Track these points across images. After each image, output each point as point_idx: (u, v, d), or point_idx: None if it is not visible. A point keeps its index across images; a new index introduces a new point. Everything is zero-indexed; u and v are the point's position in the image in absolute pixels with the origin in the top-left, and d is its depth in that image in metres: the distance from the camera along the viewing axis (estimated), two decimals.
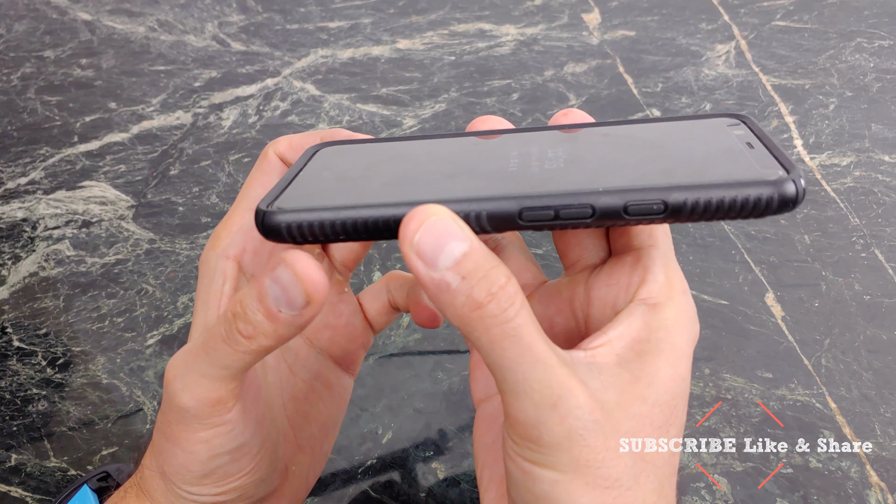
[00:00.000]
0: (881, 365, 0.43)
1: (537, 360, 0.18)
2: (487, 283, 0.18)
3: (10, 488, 0.38)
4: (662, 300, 0.21)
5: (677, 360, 0.20)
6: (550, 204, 0.19)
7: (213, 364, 0.20)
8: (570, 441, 0.19)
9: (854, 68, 0.67)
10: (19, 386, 0.43)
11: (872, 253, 0.50)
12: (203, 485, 0.23)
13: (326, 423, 0.29)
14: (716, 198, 0.18)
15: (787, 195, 0.18)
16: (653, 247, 0.22)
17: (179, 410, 0.21)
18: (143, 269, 0.50)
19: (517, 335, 0.18)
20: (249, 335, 0.19)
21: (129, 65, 0.70)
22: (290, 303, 0.19)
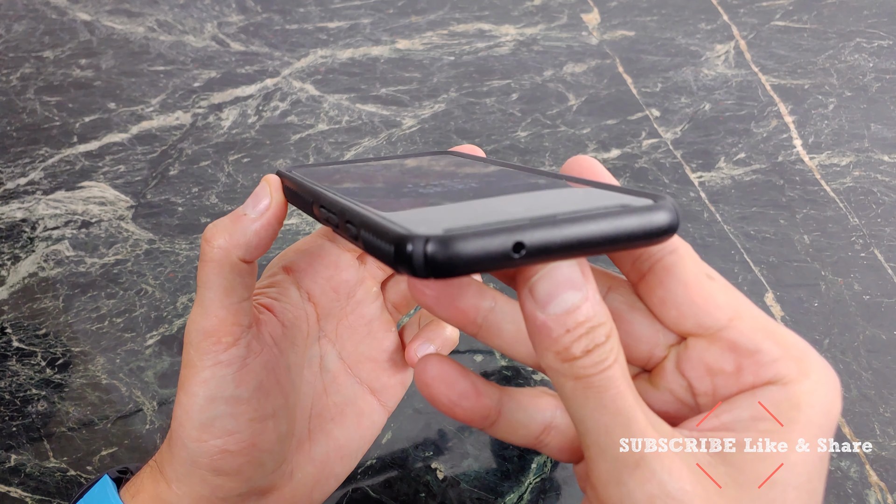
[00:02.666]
0: (880, 365, 0.43)
1: (620, 414, 0.17)
2: (587, 340, 0.17)
3: (9, 489, 0.38)
4: (792, 376, 0.18)
5: (815, 437, 0.18)
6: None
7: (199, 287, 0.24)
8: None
9: (853, 68, 0.67)
10: (19, 386, 0.43)
11: (872, 253, 0.50)
12: (202, 440, 0.24)
13: (345, 448, 0.29)
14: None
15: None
16: (736, 319, 0.19)
17: (186, 350, 0.24)
18: (142, 269, 0.50)
19: (603, 387, 0.17)
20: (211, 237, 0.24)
21: (129, 65, 0.70)
22: (255, 205, 0.24)
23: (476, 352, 0.45)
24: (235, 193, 0.56)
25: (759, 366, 0.19)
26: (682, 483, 0.17)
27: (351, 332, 0.30)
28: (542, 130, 0.61)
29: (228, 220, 0.24)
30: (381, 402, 0.31)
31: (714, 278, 0.20)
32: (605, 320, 0.17)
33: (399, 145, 0.60)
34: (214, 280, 0.24)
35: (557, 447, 0.22)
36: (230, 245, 0.23)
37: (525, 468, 0.39)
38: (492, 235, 0.15)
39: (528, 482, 0.38)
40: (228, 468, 0.24)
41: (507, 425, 0.22)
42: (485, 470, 0.39)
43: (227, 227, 0.24)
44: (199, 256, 0.24)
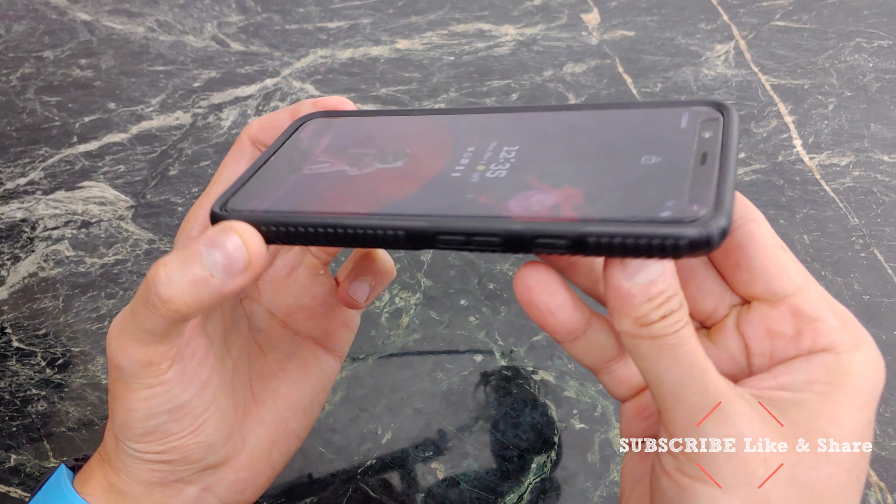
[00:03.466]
0: None
1: (695, 366, 0.19)
2: (665, 307, 0.18)
3: (9, 489, 0.38)
4: (846, 347, 0.20)
5: (864, 404, 0.19)
6: (463, 230, 0.19)
7: (138, 327, 0.21)
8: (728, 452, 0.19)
9: (853, 68, 0.67)
10: (18, 386, 0.43)
11: (872, 253, 0.50)
12: (145, 442, 0.23)
13: (297, 403, 0.29)
14: (621, 238, 0.17)
15: (696, 239, 0.17)
16: (804, 289, 0.21)
17: (117, 370, 0.22)
18: (142, 269, 0.50)
19: (677, 344, 0.19)
20: (168, 299, 0.20)
21: (129, 65, 0.70)
22: (228, 267, 0.20)
23: (476, 352, 0.45)
24: None
25: (817, 333, 0.20)
26: (752, 425, 0.19)
27: (275, 285, 0.29)
28: None
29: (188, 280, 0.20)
30: (328, 348, 0.30)
31: (786, 250, 0.21)
32: (678, 290, 0.19)
33: None
34: (161, 329, 0.21)
35: (618, 377, 0.24)
36: (188, 308, 0.20)
37: (525, 468, 0.39)
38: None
39: (528, 482, 0.38)
40: (175, 458, 0.24)
41: (587, 344, 0.23)
42: (485, 470, 0.39)
43: (187, 290, 0.20)
44: (144, 297, 0.20)
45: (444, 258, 0.50)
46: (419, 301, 0.47)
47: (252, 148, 0.26)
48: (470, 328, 0.46)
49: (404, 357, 0.44)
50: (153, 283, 0.20)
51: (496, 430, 0.41)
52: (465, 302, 0.47)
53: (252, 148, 0.26)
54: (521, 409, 0.42)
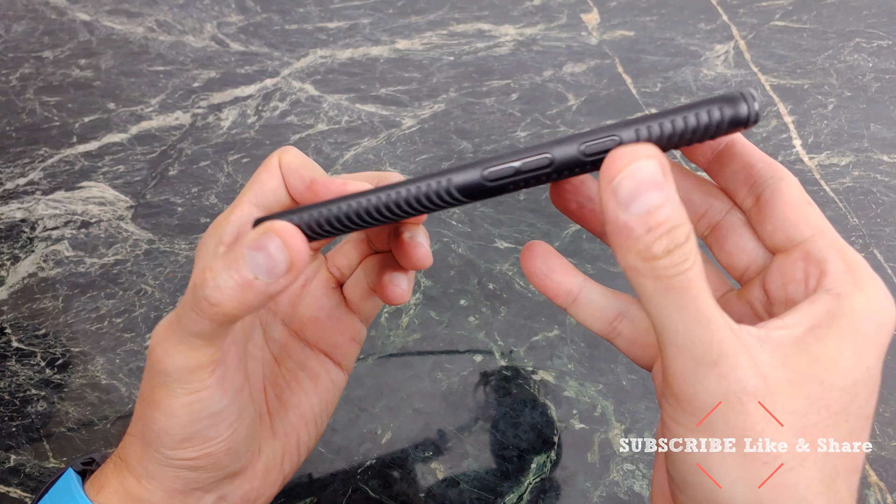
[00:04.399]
0: None
1: (701, 314, 0.18)
2: (668, 239, 0.18)
3: (9, 489, 0.38)
4: (847, 289, 0.20)
5: (862, 346, 0.19)
6: (511, 160, 0.20)
7: (185, 331, 0.21)
8: (728, 404, 0.18)
9: (853, 68, 0.67)
10: (18, 387, 0.43)
11: (871, 253, 0.50)
12: (182, 448, 0.23)
13: (306, 414, 0.29)
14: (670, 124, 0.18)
15: (739, 110, 0.18)
16: (818, 235, 0.21)
17: (162, 375, 0.22)
18: (142, 269, 0.50)
19: (684, 287, 0.18)
20: (216, 302, 0.20)
21: (128, 65, 0.70)
22: (271, 269, 0.20)
23: (476, 352, 0.45)
24: (235, 193, 0.56)
25: (822, 275, 0.20)
26: (756, 380, 0.18)
27: (289, 296, 0.30)
28: (541, 130, 0.61)
29: (235, 283, 0.20)
30: (336, 361, 0.30)
31: (812, 205, 0.22)
32: (684, 221, 0.18)
33: (398, 145, 0.60)
34: (209, 332, 0.21)
35: (629, 338, 0.25)
36: (236, 311, 0.20)
37: (525, 468, 0.39)
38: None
39: (528, 482, 0.38)
40: (205, 464, 0.24)
41: (586, 306, 0.25)
42: (484, 470, 0.39)
43: (236, 292, 0.20)
44: (192, 301, 0.21)
45: (444, 258, 0.50)
46: (419, 301, 0.47)
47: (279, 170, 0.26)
48: (470, 328, 0.46)
49: (404, 357, 0.44)
50: (201, 288, 0.20)
51: (496, 430, 0.41)
52: (464, 302, 0.47)
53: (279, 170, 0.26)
54: (520, 409, 0.42)
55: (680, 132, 0.19)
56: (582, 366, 0.44)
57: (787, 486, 0.18)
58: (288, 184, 0.26)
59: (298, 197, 0.26)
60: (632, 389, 0.42)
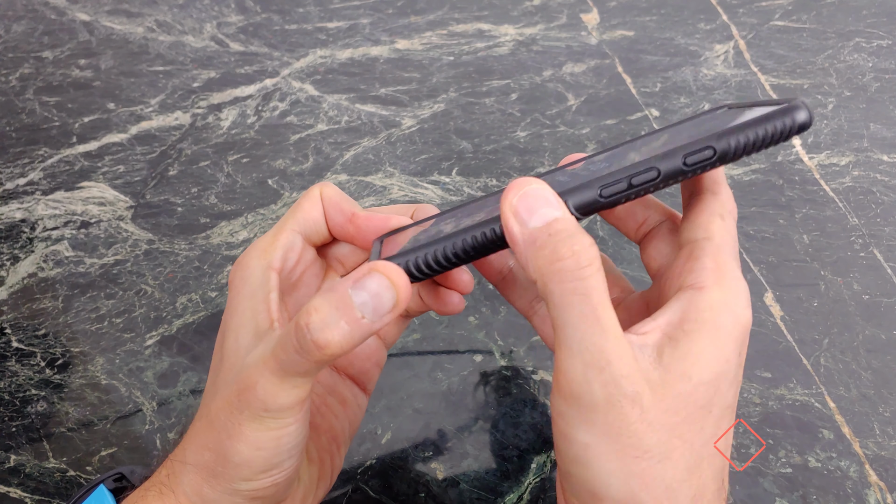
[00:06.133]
0: (880, 364, 0.43)
1: (598, 323, 0.20)
2: (571, 242, 0.20)
3: (9, 489, 0.38)
4: (708, 284, 0.22)
5: (721, 340, 0.21)
6: (622, 176, 0.22)
7: (287, 373, 0.21)
8: (608, 406, 0.20)
9: (852, 68, 0.67)
10: (18, 387, 0.43)
11: (871, 252, 0.50)
12: (258, 479, 0.24)
13: (338, 438, 0.29)
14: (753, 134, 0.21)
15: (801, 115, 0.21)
16: (706, 239, 0.23)
17: (258, 411, 0.22)
18: (141, 269, 0.50)
19: (586, 294, 0.20)
20: (324, 345, 0.20)
21: (128, 65, 0.70)
22: (377, 308, 0.20)
23: (476, 352, 0.45)
24: (235, 193, 0.56)
25: (689, 272, 0.22)
26: (635, 387, 0.20)
27: None
28: (541, 130, 0.61)
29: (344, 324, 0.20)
30: (360, 385, 0.31)
31: (723, 218, 0.24)
32: (583, 233, 0.21)
33: (399, 145, 0.60)
34: (313, 371, 0.22)
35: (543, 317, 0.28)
36: (343, 350, 0.21)
37: (525, 468, 0.39)
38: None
39: (528, 482, 0.38)
40: (269, 494, 0.24)
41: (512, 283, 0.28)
42: (484, 470, 0.39)
43: (344, 333, 0.20)
44: (297, 346, 0.21)
45: None
46: None
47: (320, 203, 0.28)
48: (469, 328, 0.46)
49: (404, 357, 0.44)
50: (309, 330, 0.20)
51: (496, 430, 0.41)
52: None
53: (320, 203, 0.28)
54: (520, 409, 0.42)
55: (761, 140, 0.21)
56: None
57: (654, 477, 0.20)
58: (328, 216, 0.27)
59: (337, 229, 0.27)
60: None
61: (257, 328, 0.24)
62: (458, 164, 0.58)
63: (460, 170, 0.58)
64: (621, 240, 0.51)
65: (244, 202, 0.55)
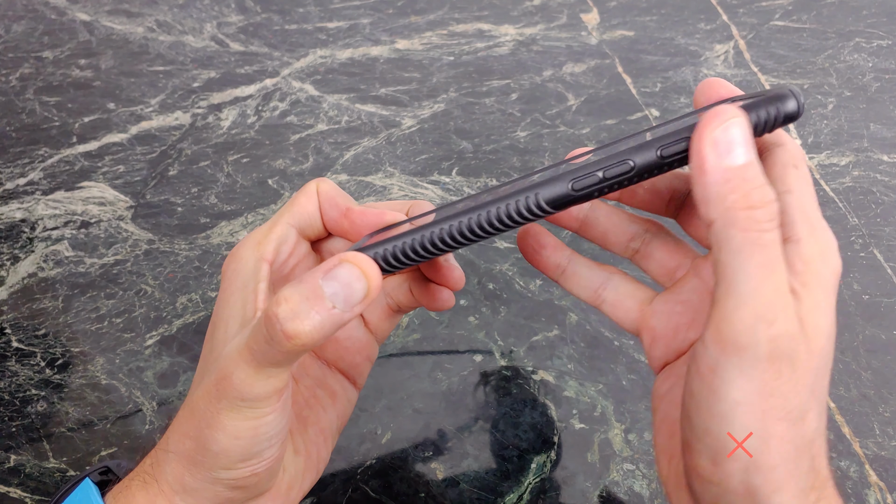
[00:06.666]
0: (880, 364, 0.43)
1: (775, 276, 0.20)
2: (763, 193, 0.20)
3: (9, 489, 0.38)
4: (803, 236, 0.21)
5: (827, 291, 0.21)
6: (595, 169, 0.21)
7: (260, 363, 0.21)
8: (769, 362, 0.20)
9: (853, 68, 0.67)
10: (18, 387, 0.43)
11: (871, 252, 0.50)
12: (237, 468, 0.24)
13: (325, 430, 0.29)
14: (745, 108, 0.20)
15: (790, 104, 0.20)
16: (786, 192, 0.22)
17: (235, 400, 0.22)
18: (141, 269, 0.50)
19: (769, 247, 0.20)
20: (294, 335, 0.20)
21: (128, 65, 0.70)
22: (347, 298, 0.20)
23: (476, 352, 0.45)
24: (235, 193, 0.56)
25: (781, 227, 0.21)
26: (794, 345, 0.20)
27: None
28: (541, 130, 0.61)
29: (314, 314, 0.20)
30: (351, 379, 0.31)
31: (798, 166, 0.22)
32: (769, 185, 0.20)
33: (399, 145, 0.60)
34: (284, 362, 0.22)
35: (613, 303, 0.28)
36: (314, 341, 0.21)
37: (525, 468, 0.39)
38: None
39: (528, 482, 0.38)
40: (249, 484, 0.24)
41: (573, 276, 0.28)
42: (484, 470, 0.39)
43: (314, 323, 0.20)
44: (268, 334, 0.21)
45: None
46: None
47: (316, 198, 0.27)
48: (469, 328, 0.46)
49: (404, 357, 0.44)
50: (278, 320, 0.20)
51: (496, 430, 0.41)
52: (464, 302, 0.47)
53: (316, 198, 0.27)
54: (520, 409, 0.42)
55: None
56: (582, 366, 0.44)
57: (789, 439, 0.20)
58: (323, 211, 0.27)
59: (332, 224, 0.27)
60: (632, 389, 0.42)
61: (244, 318, 0.24)
62: (458, 164, 0.58)
63: (460, 170, 0.58)
64: None
65: (244, 202, 0.55)
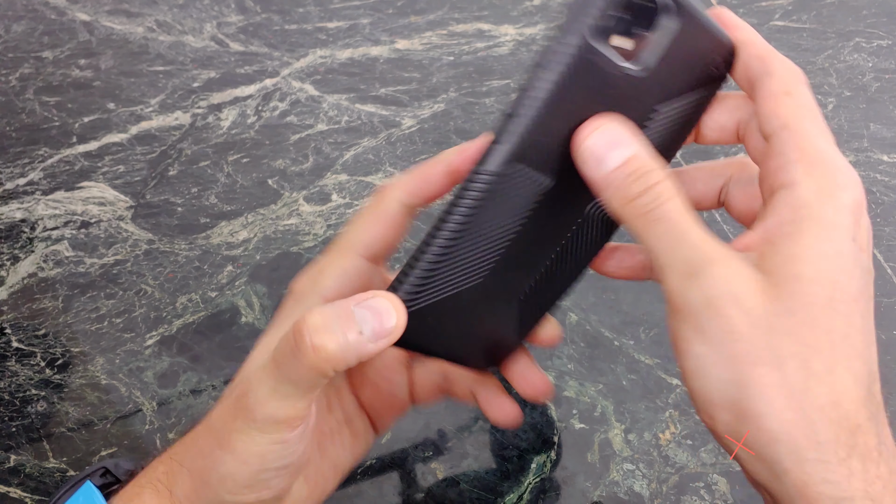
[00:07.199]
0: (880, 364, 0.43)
1: (682, 236, 0.20)
2: (644, 181, 0.20)
3: (9, 489, 0.38)
4: (798, 177, 0.20)
5: (827, 232, 0.20)
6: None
7: (280, 381, 0.21)
8: (709, 309, 0.20)
9: (852, 68, 0.67)
10: (18, 387, 0.43)
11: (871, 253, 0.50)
12: (242, 494, 0.23)
13: (338, 467, 0.28)
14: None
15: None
16: (781, 127, 0.21)
17: (247, 422, 0.22)
18: (141, 269, 0.50)
19: (664, 218, 0.20)
20: (320, 346, 0.20)
21: (128, 65, 0.70)
22: (376, 329, 0.21)
23: None
24: (235, 193, 0.56)
25: (778, 169, 0.21)
26: (731, 286, 0.20)
27: None
28: None
29: (342, 333, 0.20)
30: (376, 426, 0.30)
31: (790, 94, 0.21)
32: (656, 167, 0.21)
33: (398, 145, 0.60)
34: (305, 381, 0.21)
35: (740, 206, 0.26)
36: (337, 360, 0.21)
37: (525, 468, 0.39)
38: None
39: (528, 482, 0.38)
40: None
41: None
42: (484, 470, 0.39)
43: (340, 342, 0.20)
44: (294, 346, 0.21)
45: None
46: None
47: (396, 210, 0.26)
48: None
49: None
50: (305, 331, 0.20)
51: (496, 430, 0.41)
52: None
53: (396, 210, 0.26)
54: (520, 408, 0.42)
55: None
56: (582, 366, 0.44)
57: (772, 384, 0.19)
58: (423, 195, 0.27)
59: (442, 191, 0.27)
60: (632, 389, 0.42)
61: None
62: None
63: None
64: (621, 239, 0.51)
65: (244, 202, 0.55)
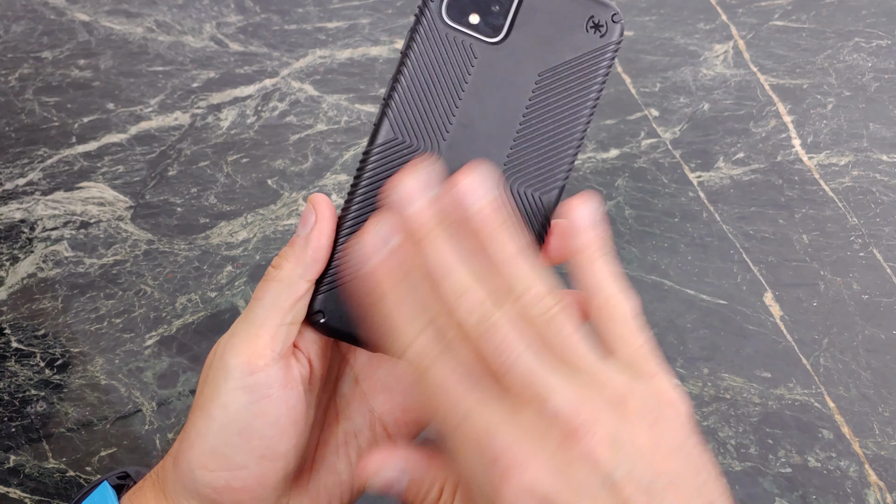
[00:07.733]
0: (879, 364, 0.43)
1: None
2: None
3: (8, 489, 0.38)
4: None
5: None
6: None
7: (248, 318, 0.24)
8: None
9: (852, 68, 0.67)
10: (18, 387, 0.43)
11: (871, 252, 0.50)
12: (208, 468, 0.23)
13: (343, 485, 0.27)
14: None
15: None
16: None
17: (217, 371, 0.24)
18: (141, 269, 0.50)
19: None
20: (276, 265, 0.24)
21: (127, 65, 0.70)
22: (304, 224, 0.24)
23: None
24: (234, 194, 0.56)
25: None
26: None
27: (370, 356, 0.28)
28: None
29: (287, 246, 0.25)
30: (391, 437, 0.28)
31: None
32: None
33: None
34: (269, 296, 0.24)
35: None
36: (293, 265, 0.24)
37: None
38: None
39: None
40: (228, 502, 0.24)
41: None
42: None
43: (288, 251, 0.24)
44: (263, 276, 0.25)
45: None
46: None
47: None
48: None
49: None
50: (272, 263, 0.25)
51: None
52: None
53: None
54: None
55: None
56: None
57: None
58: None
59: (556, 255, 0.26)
60: None
61: None
62: None
63: None
64: (620, 239, 0.51)
65: (244, 202, 0.55)
